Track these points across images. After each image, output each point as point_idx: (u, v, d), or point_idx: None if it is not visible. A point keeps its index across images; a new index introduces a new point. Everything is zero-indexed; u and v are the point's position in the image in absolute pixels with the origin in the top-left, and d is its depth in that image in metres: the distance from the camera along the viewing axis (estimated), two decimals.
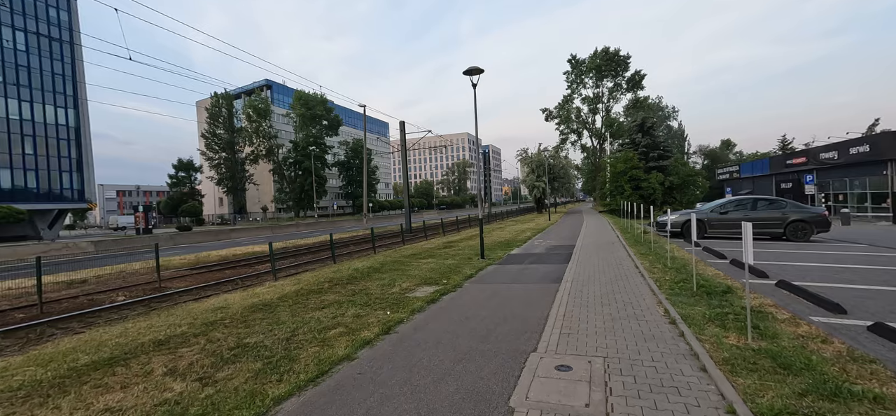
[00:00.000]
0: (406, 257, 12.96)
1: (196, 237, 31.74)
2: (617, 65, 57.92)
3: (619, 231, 18.78)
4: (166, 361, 4.65)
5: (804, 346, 3.93)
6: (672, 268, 8.43)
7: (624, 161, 35.10)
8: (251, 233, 36.66)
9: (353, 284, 8.93)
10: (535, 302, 6.63)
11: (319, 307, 6.90)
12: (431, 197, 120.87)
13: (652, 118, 41.65)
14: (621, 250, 12.52)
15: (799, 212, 12.71)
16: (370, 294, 7.76)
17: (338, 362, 4.40)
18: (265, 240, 28.45)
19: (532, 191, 54.25)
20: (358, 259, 13.47)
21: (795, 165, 43.87)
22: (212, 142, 70.20)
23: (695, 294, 6.15)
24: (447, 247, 15.66)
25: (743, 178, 54.50)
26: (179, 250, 23.51)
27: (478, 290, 7.91)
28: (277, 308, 6.95)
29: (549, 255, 12.48)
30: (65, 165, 41.89)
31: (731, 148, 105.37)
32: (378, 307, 6.74)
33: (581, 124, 62.68)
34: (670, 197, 34.22)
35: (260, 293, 8.37)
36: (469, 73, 11.88)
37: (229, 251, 15.35)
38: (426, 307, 6.65)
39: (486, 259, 11.81)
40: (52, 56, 40.76)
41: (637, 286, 7.26)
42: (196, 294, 10.07)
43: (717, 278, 7.28)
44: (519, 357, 4.27)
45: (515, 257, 12.36)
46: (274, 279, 10.48)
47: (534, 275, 9.20)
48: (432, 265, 11.00)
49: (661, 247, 11.97)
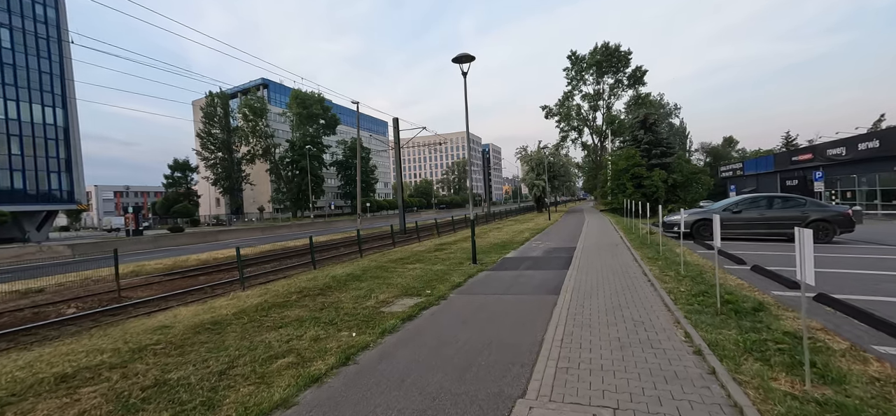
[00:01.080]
0: (392, 262, 11.95)
1: (185, 239, 30.79)
2: (618, 61, 56.87)
3: (622, 232, 17.77)
4: (53, 408, 3.64)
5: (888, 397, 2.91)
6: (687, 276, 7.40)
7: (626, 158, 34.02)
8: (242, 234, 35.66)
9: (326, 295, 7.92)
10: (527, 321, 5.62)
11: (277, 326, 5.90)
12: (430, 196, 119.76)
13: (654, 114, 40.54)
14: (626, 253, 11.50)
15: (820, 211, 11.68)
16: (340, 309, 6.76)
17: (269, 411, 3.39)
18: (254, 242, 27.45)
19: (532, 190, 53.17)
20: (341, 264, 12.46)
21: (801, 162, 42.84)
22: (207, 142, 69.24)
23: (719, 312, 5.13)
24: (439, 249, 14.65)
25: (746, 175, 53.49)
26: (161, 253, 22.52)
27: (464, 303, 6.90)
28: (228, 328, 5.95)
29: (547, 259, 11.47)
30: (53, 165, 40.86)
31: (733, 145, 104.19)
32: (344, 327, 5.74)
33: (581, 122, 61.64)
34: (673, 195, 33.17)
35: (217, 307, 7.37)
36: (458, 60, 10.87)
37: (210, 255, 14.38)
38: (400, 327, 5.64)
39: (479, 264, 10.79)
40: (39, 54, 39.72)
41: (648, 299, 6.25)
42: (154, 306, 9.07)
43: (741, 290, 6.26)
44: (501, 407, 3.26)
45: (510, 261, 11.35)
46: (242, 289, 9.47)
47: (529, 284, 8.19)
48: (418, 272, 9.99)
49: (671, 250, 10.95)
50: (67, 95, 41.39)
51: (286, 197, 76.62)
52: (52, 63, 40.70)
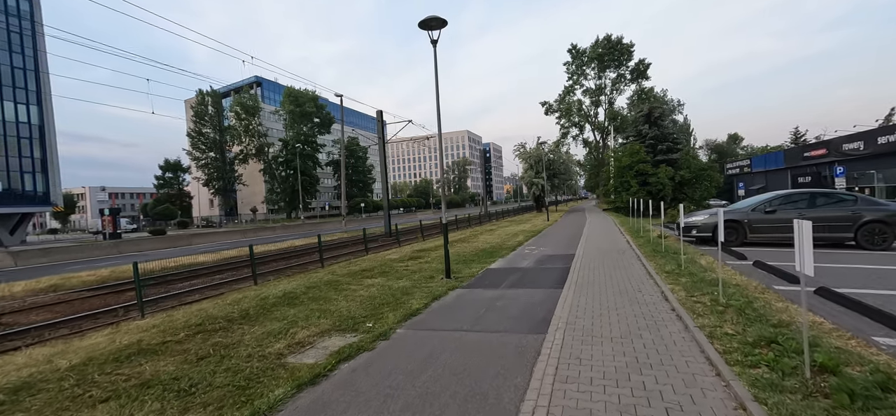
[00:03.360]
0: (351, 276, 9.83)
1: (161, 243, 28.80)
2: (620, 54, 54.53)
3: (628, 234, 15.61)
4: None
5: None
6: (731, 306, 5.21)
7: (630, 154, 31.72)
8: (223, 237, 33.60)
9: (229, 331, 5.80)
10: (490, 390, 3.49)
11: (102, 399, 3.79)
12: (429, 196, 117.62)
13: (659, 107, 38.27)
14: (636, 264, 9.34)
15: (875, 210, 9.46)
16: (227, 359, 4.65)
17: None
18: (231, 245, 25.39)
19: (530, 188, 50.94)
20: (289, 278, 10.33)
21: (815, 158, 40.69)
22: (198, 141, 67.25)
23: (811, 389, 2.98)
24: (415, 258, 12.51)
25: (754, 172, 51.42)
26: (118, 260, 20.41)
27: (410, 347, 4.78)
28: (41, 393, 3.87)
29: (538, 271, 9.32)
30: (27, 165, 38.75)
31: (738, 142, 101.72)
32: (200, 401, 3.62)
33: (583, 118, 59.32)
34: (681, 193, 30.86)
35: (76, 349, 5.29)
36: (426, 26, 8.72)
37: (160, 264, 12.41)
38: (292, 398, 3.55)
39: (452, 279, 8.65)
40: (11, 48, 37.60)
41: (679, 348, 4.11)
42: (29, 338, 6.99)
43: (828, 335, 4.09)
44: None
45: (493, 275, 9.19)
46: (140, 315, 7.36)
47: (508, 312, 6.06)
48: (374, 291, 7.86)
49: (694, 261, 8.77)
50: (42, 91, 39.31)
51: (280, 198, 74.57)
52: (26, 58, 38.54)
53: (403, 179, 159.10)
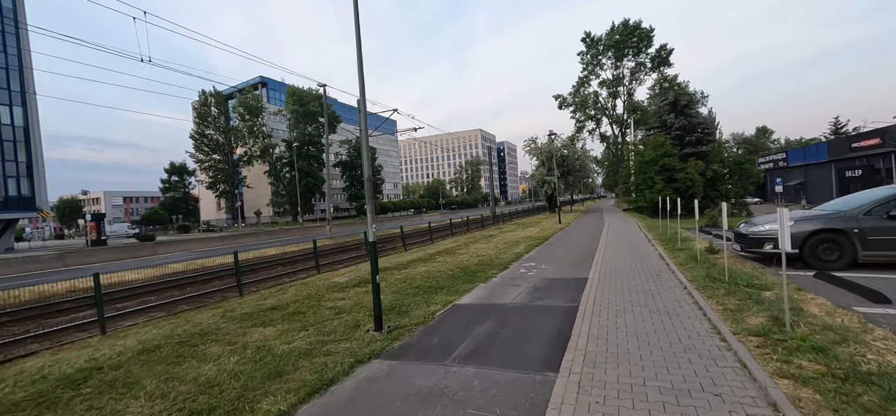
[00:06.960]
0: (242, 319, 6.64)
1: (143, 251, 26.38)
2: (639, 40, 50.06)
3: (659, 243, 12.04)
4: None
5: None
6: None
7: (654, 147, 27.71)
8: (214, 243, 31.09)
9: None
10: None
11: None
12: (439, 196, 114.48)
13: (687, 95, 34.08)
14: (687, 303, 5.86)
15: None
16: None
17: None
18: (215, 253, 22.65)
19: (543, 187, 47.05)
20: (172, 317, 7.22)
21: (865, 149, 36.07)
22: (201, 143, 65.58)
23: None
24: (367, 280, 9.27)
25: (791, 166, 46.84)
26: (80, 271, 17.67)
27: None
28: None
29: (526, 314, 5.94)
30: (10, 169, 36.99)
31: (767, 135, 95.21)
32: None
33: (599, 111, 55.05)
34: (713, 190, 26.74)
35: None
36: None
37: (120, 277, 9.92)
38: None
39: (384, 332, 5.38)
40: None
41: None
42: None
43: None
44: None
45: (454, 320, 5.85)
46: None
47: None
48: (233, 363, 4.64)
49: (800, 308, 5.24)
50: (27, 91, 37.57)
51: (285, 200, 72.43)
52: (9, 56, 36.84)
53: (415, 179, 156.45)
